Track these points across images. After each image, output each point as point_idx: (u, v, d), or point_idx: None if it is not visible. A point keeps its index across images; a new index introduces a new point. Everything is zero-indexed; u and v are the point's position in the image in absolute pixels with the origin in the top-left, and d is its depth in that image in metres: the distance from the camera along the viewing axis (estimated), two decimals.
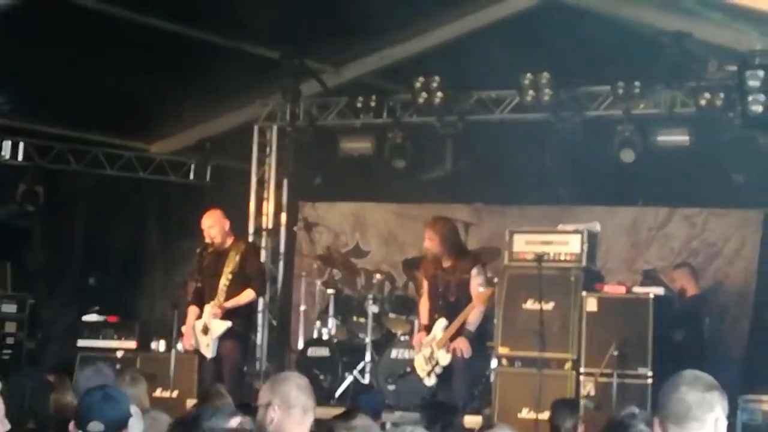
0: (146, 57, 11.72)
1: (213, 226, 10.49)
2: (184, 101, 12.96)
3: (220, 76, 12.22)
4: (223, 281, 10.37)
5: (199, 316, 10.46)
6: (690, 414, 3.74)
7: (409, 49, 12.80)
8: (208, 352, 10.37)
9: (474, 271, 10.22)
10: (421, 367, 10.37)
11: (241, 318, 10.58)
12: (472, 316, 10.15)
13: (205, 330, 10.37)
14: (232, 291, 10.39)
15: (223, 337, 10.37)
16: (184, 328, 10.58)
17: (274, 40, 12.19)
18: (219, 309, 10.33)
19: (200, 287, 10.51)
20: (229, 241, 10.57)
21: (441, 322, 10.21)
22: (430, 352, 10.24)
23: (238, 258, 10.44)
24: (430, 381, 10.25)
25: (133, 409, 4.86)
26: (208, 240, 10.48)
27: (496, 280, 10.73)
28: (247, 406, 6.21)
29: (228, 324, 10.32)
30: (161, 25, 11.46)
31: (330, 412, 9.74)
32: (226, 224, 10.57)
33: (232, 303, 10.37)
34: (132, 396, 5.36)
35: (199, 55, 11.84)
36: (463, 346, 10.03)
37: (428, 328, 10.35)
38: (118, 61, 11.62)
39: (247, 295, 10.53)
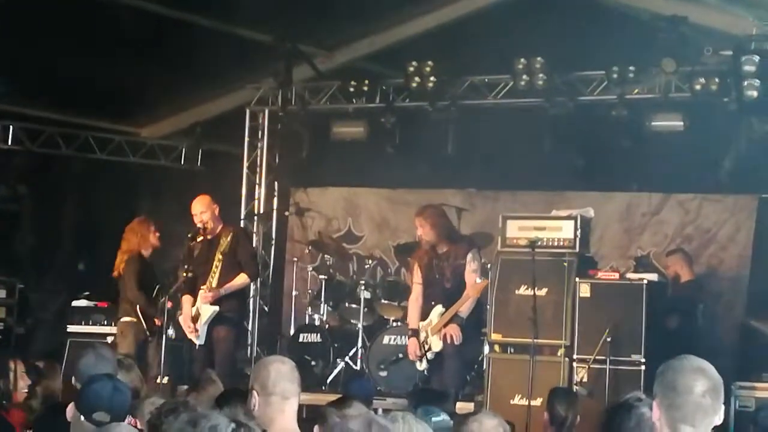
0: (137, 40, 11.64)
1: (204, 211, 10.40)
2: (175, 85, 12.88)
3: (211, 59, 12.13)
4: (215, 265, 10.29)
5: (194, 304, 10.37)
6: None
7: (402, 34, 12.72)
8: (199, 339, 10.28)
9: (469, 256, 10.14)
10: None
11: (234, 303, 10.49)
12: (465, 304, 10.07)
13: (196, 317, 10.28)
14: (224, 276, 10.31)
15: (216, 323, 10.27)
16: (181, 318, 10.45)
17: (266, 24, 12.09)
18: (211, 293, 10.24)
19: (192, 276, 10.39)
20: (219, 227, 10.49)
21: (438, 309, 10.13)
22: (424, 336, 10.18)
23: (228, 240, 10.36)
24: (422, 365, 10.19)
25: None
26: (199, 225, 10.38)
27: (489, 265, 10.67)
28: (238, 390, 6.15)
29: (215, 308, 10.22)
30: (152, 8, 11.36)
31: (321, 398, 9.78)
32: (216, 209, 10.49)
33: (225, 287, 10.28)
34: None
35: (191, 38, 11.74)
36: (453, 332, 9.95)
37: (416, 333, 10.22)
38: (109, 45, 11.55)
39: (241, 279, 10.45)
